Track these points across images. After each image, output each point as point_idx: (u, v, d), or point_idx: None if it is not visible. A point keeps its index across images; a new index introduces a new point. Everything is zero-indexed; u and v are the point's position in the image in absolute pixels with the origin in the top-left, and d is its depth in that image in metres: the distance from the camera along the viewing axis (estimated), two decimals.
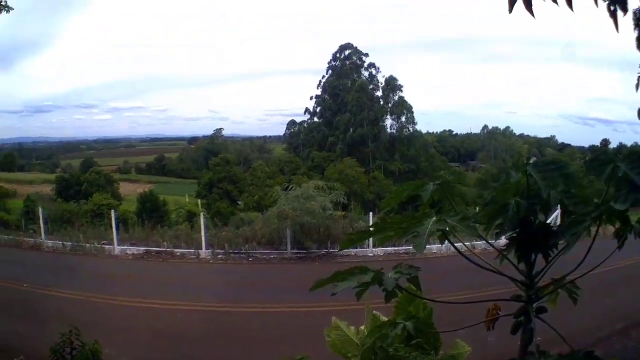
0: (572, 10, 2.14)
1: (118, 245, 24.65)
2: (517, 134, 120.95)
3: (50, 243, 25.75)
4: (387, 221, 2.16)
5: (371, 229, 2.23)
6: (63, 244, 25.34)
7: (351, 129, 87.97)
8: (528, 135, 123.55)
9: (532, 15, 2.14)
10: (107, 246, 24.79)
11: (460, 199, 2.33)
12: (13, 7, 12.24)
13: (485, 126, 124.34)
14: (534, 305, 2.10)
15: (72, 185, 74.35)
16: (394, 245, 22.15)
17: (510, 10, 2.17)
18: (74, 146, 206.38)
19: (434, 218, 2.00)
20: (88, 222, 32.11)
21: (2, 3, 11.93)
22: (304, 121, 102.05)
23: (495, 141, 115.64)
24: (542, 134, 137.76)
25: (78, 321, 7.64)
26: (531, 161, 2.05)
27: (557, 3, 2.15)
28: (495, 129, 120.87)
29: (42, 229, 26.34)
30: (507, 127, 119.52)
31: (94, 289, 16.99)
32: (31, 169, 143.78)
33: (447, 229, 2.04)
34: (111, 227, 25.40)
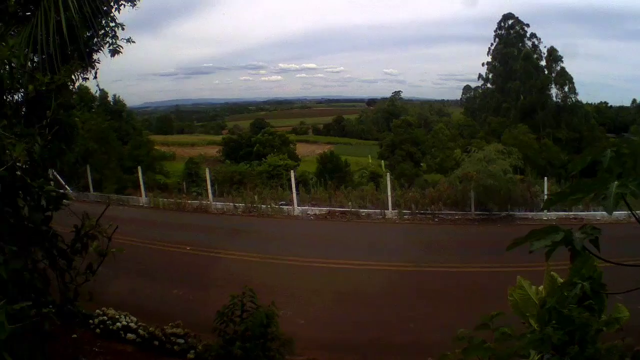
0: None
1: (298, 205, 24.76)
2: None
3: (219, 205, 25.89)
4: (581, 184, 2.46)
5: (567, 190, 2.61)
6: (234, 206, 25.49)
7: (522, 96, 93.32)
8: None
9: None
10: (285, 207, 25.01)
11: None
12: None
13: (634, 100, 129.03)
14: None
15: (242, 146, 78.07)
16: (564, 210, 23.70)
17: None
18: (241, 107, 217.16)
19: (616, 182, 2.30)
20: (262, 184, 32.94)
21: None
22: (478, 87, 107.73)
23: None
24: None
25: (253, 283, 7.81)
26: None
27: None
28: None
29: (209, 191, 26.71)
30: None
31: (272, 251, 17.29)
32: (192, 131, 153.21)
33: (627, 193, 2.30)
34: (290, 187, 25.89)
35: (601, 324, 2.87)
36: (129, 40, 13.67)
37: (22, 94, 4.45)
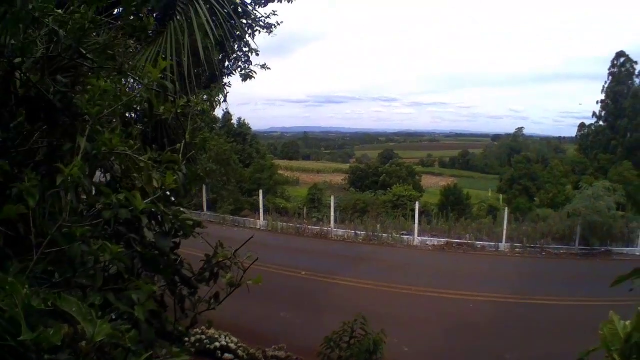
0: None
1: (418, 236, 25.26)
2: None
3: (339, 232, 26.43)
4: None
5: None
6: (355, 233, 26.06)
7: (628, 134, 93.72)
8: None
9: None
10: (405, 236, 25.48)
11: None
12: None
13: None
14: None
15: (369, 175, 79.58)
16: None
17: None
18: (370, 137, 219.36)
19: None
20: (386, 213, 33.66)
21: None
22: (592, 124, 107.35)
23: None
24: None
25: (363, 310, 8.40)
26: None
27: None
28: None
29: (331, 217, 27.12)
30: None
31: (387, 278, 17.76)
32: (319, 158, 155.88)
33: None
34: (412, 217, 26.56)
35: None
36: (263, 67, 14.25)
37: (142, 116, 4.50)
